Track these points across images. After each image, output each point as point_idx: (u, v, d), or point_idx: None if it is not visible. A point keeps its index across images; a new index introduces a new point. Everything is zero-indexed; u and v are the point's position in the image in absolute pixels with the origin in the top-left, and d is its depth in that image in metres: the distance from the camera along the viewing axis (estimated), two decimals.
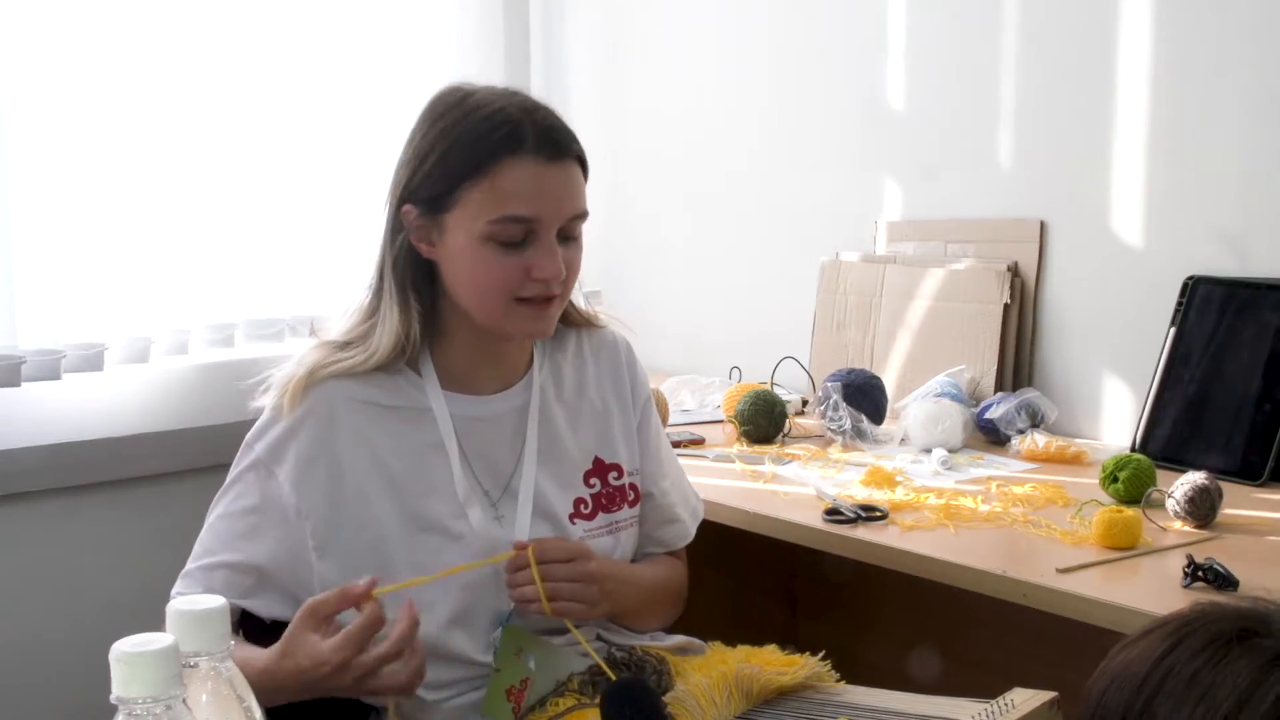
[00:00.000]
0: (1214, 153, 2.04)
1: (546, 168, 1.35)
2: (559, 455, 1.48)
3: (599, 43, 3.07)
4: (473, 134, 1.35)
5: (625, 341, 1.60)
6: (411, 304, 1.40)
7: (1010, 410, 2.12)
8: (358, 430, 1.39)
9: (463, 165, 1.35)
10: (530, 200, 1.34)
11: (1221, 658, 0.68)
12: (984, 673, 1.39)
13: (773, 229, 2.77)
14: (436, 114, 1.39)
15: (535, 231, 1.36)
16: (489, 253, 1.35)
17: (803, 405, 2.48)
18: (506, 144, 1.34)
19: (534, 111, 1.38)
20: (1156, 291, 2.09)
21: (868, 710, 1.32)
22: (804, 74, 2.67)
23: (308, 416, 1.38)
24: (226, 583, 1.35)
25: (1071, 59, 2.22)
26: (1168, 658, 0.70)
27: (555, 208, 1.36)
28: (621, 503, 1.52)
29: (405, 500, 1.39)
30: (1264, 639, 0.69)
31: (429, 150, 1.37)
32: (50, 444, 2.27)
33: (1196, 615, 0.72)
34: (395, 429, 1.41)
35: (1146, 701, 0.69)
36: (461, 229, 1.36)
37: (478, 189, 1.34)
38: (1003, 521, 1.70)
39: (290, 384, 1.39)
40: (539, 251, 1.36)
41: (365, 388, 1.40)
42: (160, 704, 0.74)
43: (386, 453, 1.40)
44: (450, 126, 1.37)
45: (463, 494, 1.40)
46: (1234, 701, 0.66)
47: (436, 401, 1.42)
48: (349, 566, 1.35)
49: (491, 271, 1.36)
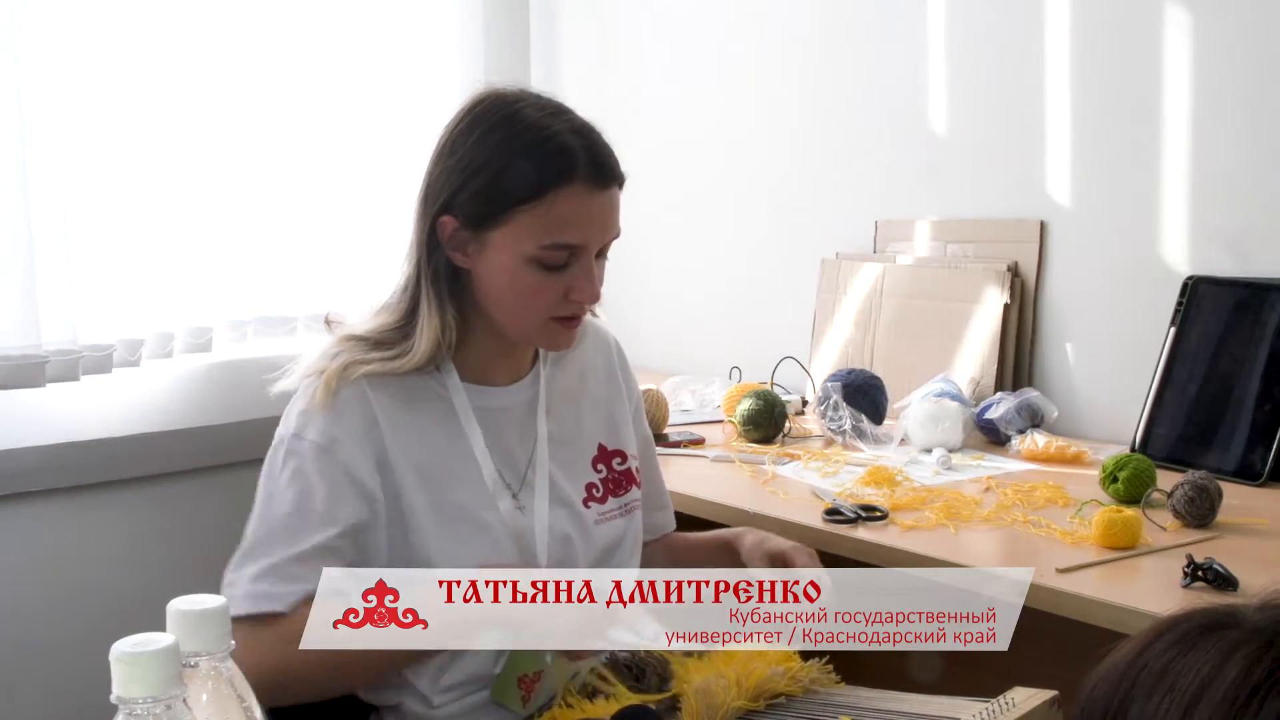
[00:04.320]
0: (1214, 153, 2.04)
1: (596, 195, 1.36)
2: (567, 443, 1.51)
3: (599, 42, 3.07)
4: (529, 157, 1.34)
5: (615, 340, 1.63)
6: (450, 314, 1.40)
7: (1010, 410, 2.12)
8: (393, 423, 1.39)
9: (518, 189, 1.34)
10: (581, 228, 1.36)
11: (1189, 648, 0.70)
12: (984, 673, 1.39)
13: (773, 229, 2.77)
14: (486, 125, 1.37)
15: (578, 256, 1.37)
16: (531, 274, 1.36)
17: (803, 405, 2.48)
18: (563, 171, 1.34)
19: (587, 135, 1.38)
20: (1156, 291, 2.09)
21: (869, 710, 1.32)
22: (804, 74, 2.67)
23: (350, 405, 1.37)
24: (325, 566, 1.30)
25: (1071, 60, 2.22)
26: (1143, 654, 0.72)
27: (601, 234, 1.39)
28: (629, 485, 1.55)
29: (435, 491, 1.40)
30: (1231, 630, 0.70)
31: (480, 165, 1.35)
32: (50, 444, 2.28)
33: (1177, 615, 0.74)
34: (422, 422, 1.42)
35: (1123, 700, 0.71)
36: (508, 249, 1.36)
37: (531, 214, 1.34)
38: (1003, 521, 1.70)
39: (325, 376, 1.37)
40: (579, 274, 1.38)
41: (395, 384, 1.41)
42: (160, 704, 0.74)
43: (416, 445, 1.40)
44: (503, 143, 1.35)
45: (491, 484, 1.42)
46: (1197, 686, 0.68)
47: (458, 396, 1.43)
48: (392, 550, 1.37)
49: (532, 292, 1.37)
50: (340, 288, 2.58)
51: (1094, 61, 2.19)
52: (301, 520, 1.33)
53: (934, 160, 2.45)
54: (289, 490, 1.35)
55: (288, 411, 1.40)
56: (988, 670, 1.40)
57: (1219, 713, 0.66)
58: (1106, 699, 0.72)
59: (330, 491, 1.34)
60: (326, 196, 2.62)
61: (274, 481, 1.36)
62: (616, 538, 1.51)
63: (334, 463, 1.34)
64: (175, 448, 2.39)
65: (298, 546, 1.32)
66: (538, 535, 1.43)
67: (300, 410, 1.38)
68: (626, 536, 1.52)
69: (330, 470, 1.34)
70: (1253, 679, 0.67)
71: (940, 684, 1.43)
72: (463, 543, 1.39)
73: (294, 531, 1.33)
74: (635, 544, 1.56)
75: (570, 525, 1.47)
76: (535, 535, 1.43)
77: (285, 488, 1.35)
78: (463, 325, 1.43)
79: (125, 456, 2.35)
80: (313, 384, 1.38)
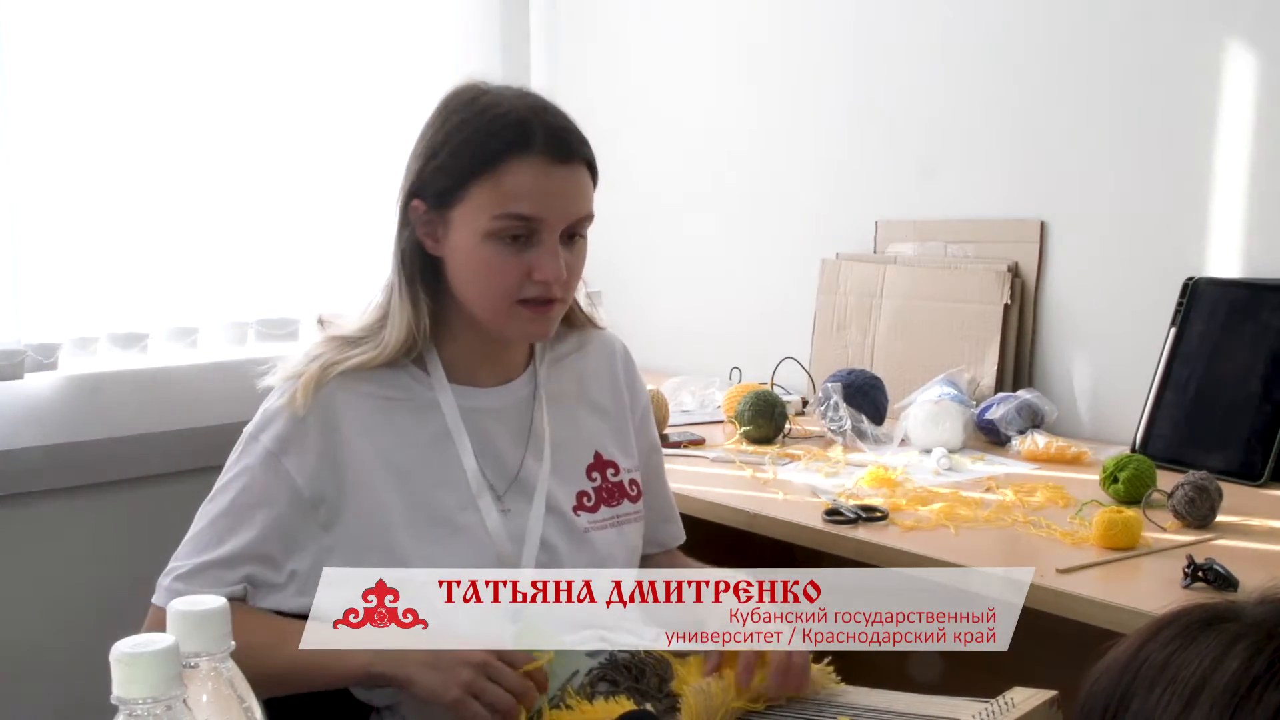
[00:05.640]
0: (1214, 153, 2.04)
1: (553, 168, 1.36)
2: (560, 449, 1.49)
3: (598, 43, 3.07)
4: (483, 132, 1.36)
5: (623, 347, 1.61)
6: (421, 300, 1.42)
7: (1010, 410, 2.12)
8: (365, 424, 1.40)
9: (471, 162, 1.36)
10: (534, 199, 1.35)
11: (1190, 642, 0.71)
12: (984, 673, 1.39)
13: (773, 229, 2.77)
14: (450, 110, 1.40)
15: (538, 232, 1.37)
16: (491, 251, 1.37)
17: (803, 405, 2.48)
18: (515, 143, 1.35)
19: (544, 112, 1.39)
20: (1156, 291, 2.09)
21: (868, 710, 1.32)
22: (804, 74, 2.67)
23: (314, 410, 1.38)
24: (224, 581, 1.35)
25: (1071, 60, 2.22)
26: (1144, 648, 0.72)
27: (559, 209, 1.37)
28: (622, 497, 1.52)
29: (413, 491, 1.40)
30: (1231, 624, 0.71)
31: (440, 146, 1.39)
32: (49, 444, 2.27)
33: (1178, 610, 0.75)
34: (402, 422, 1.42)
35: (1124, 693, 0.71)
36: (466, 225, 1.37)
37: (484, 186, 1.36)
38: (1003, 522, 1.70)
39: (302, 380, 1.39)
40: (541, 252, 1.37)
41: (372, 383, 1.41)
42: (160, 704, 0.74)
43: (393, 445, 1.40)
44: (462, 124, 1.38)
45: (474, 485, 1.42)
46: (1198, 679, 0.68)
47: (444, 394, 1.43)
48: (353, 553, 1.37)
49: (493, 269, 1.37)
50: (342, 290, 2.58)
51: (1094, 61, 2.19)
52: (234, 520, 1.37)
53: (934, 160, 2.45)
54: (231, 487, 1.39)
55: (261, 407, 1.43)
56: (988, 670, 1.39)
57: (1220, 704, 0.67)
58: (1108, 693, 0.72)
59: (265, 495, 1.37)
60: (329, 199, 2.62)
61: (226, 473, 1.41)
62: (608, 550, 1.49)
63: (278, 469, 1.37)
64: (176, 448, 2.39)
65: (221, 549, 1.36)
66: (527, 540, 1.42)
67: (265, 408, 1.41)
68: (619, 550, 1.50)
69: (270, 476, 1.37)
70: (1253, 671, 0.67)
71: (940, 684, 1.43)
72: (441, 545, 1.39)
73: (220, 533, 1.37)
74: (630, 559, 1.53)
75: (559, 533, 1.46)
76: (525, 540, 1.41)
77: (230, 482, 1.40)
78: (443, 321, 1.44)
79: (125, 456, 2.35)
80: (289, 386, 1.39)
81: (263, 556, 1.37)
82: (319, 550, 1.38)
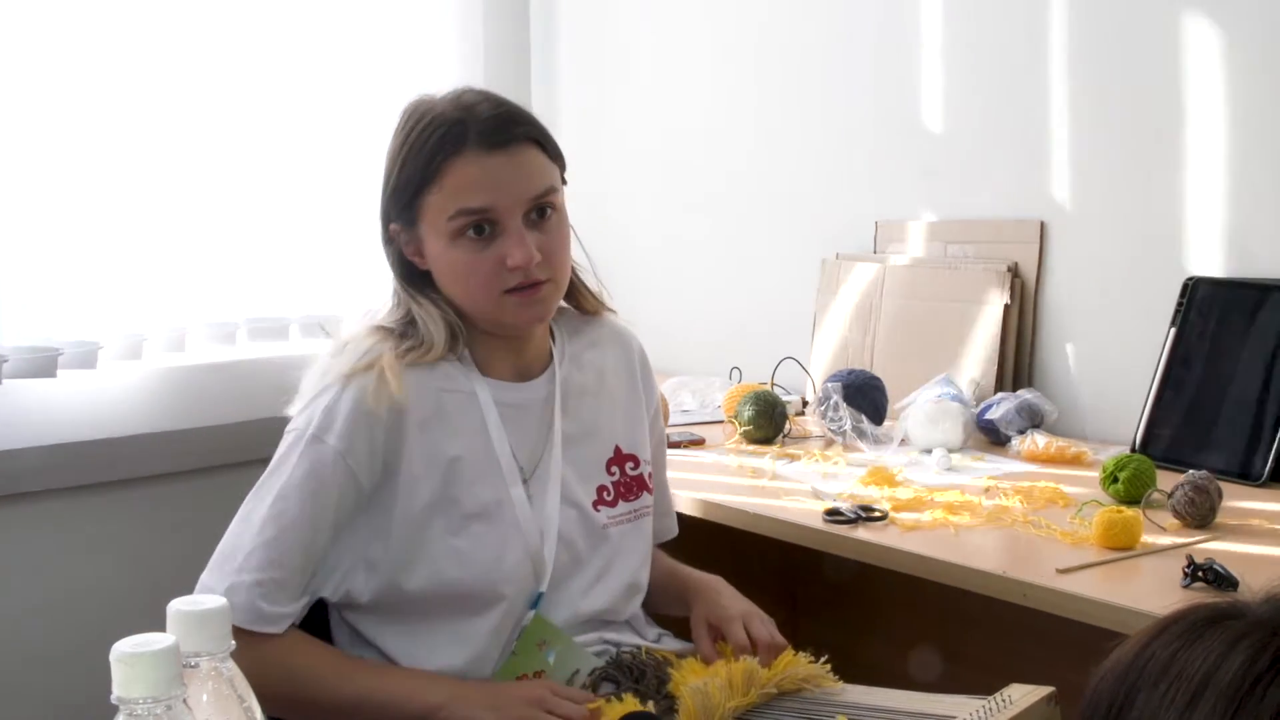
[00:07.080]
0: (1213, 153, 2.04)
1: (491, 157, 1.37)
2: (582, 444, 1.51)
3: (598, 45, 3.07)
4: (420, 142, 1.39)
5: (640, 345, 1.63)
6: (441, 302, 1.44)
7: (1010, 410, 2.12)
8: (424, 416, 1.41)
9: (417, 174, 1.39)
10: (480, 191, 1.37)
11: (1195, 639, 0.71)
12: (983, 673, 1.39)
13: (772, 229, 2.77)
14: (397, 130, 1.44)
15: (498, 221, 1.38)
16: (460, 251, 1.39)
17: (803, 405, 2.48)
18: (447, 145, 1.38)
19: (473, 107, 1.40)
20: (1156, 291, 2.09)
21: (867, 709, 1.32)
22: (804, 74, 2.67)
23: (386, 403, 1.37)
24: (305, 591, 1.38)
25: (1071, 60, 2.22)
26: (1149, 646, 0.73)
27: (509, 193, 1.38)
28: (640, 490, 1.55)
29: (451, 483, 1.41)
30: (1236, 622, 0.71)
31: (393, 166, 1.42)
32: (49, 445, 2.27)
33: (1183, 609, 0.75)
34: (452, 413, 1.43)
35: (1129, 690, 0.72)
36: (432, 234, 1.40)
37: (433, 193, 1.39)
38: (1003, 522, 1.70)
39: (375, 373, 1.37)
40: (507, 241, 1.38)
41: (432, 375, 1.42)
42: (161, 704, 0.74)
43: (443, 436, 1.42)
44: (404, 140, 1.41)
45: (509, 476, 1.44)
46: (1202, 675, 0.69)
47: (482, 390, 1.45)
48: (387, 547, 1.39)
49: (468, 269, 1.39)
50: (336, 291, 2.58)
51: (1094, 61, 2.19)
52: (311, 530, 1.36)
53: (934, 161, 2.45)
54: (297, 493, 1.36)
55: (314, 403, 1.40)
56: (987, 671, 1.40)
57: (1223, 701, 0.67)
58: (1112, 690, 0.73)
59: (335, 501, 1.37)
60: (331, 201, 2.62)
61: (289, 473, 1.37)
62: (627, 546, 1.51)
63: (345, 470, 1.37)
64: (175, 448, 2.39)
65: (296, 560, 1.35)
66: (546, 536, 1.44)
67: (326, 406, 1.38)
68: (637, 546, 1.53)
69: (341, 477, 1.37)
70: (1257, 668, 0.68)
71: (939, 684, 1.43)
72: (475, 537, 1.40)
73: (301, 542, 1.36)
74: (646, 553, 1.56)
75: (577, 528, 1.48)
76: (544, 536, 1.44)
77: (298, 486, 1.36)
78: (464, 321, 1.46)
79: (125, 456, 2.35)
80: (355, 382, 1.37)
81: (324, 560, 1.39)
82: (349, 532, 1.39)
